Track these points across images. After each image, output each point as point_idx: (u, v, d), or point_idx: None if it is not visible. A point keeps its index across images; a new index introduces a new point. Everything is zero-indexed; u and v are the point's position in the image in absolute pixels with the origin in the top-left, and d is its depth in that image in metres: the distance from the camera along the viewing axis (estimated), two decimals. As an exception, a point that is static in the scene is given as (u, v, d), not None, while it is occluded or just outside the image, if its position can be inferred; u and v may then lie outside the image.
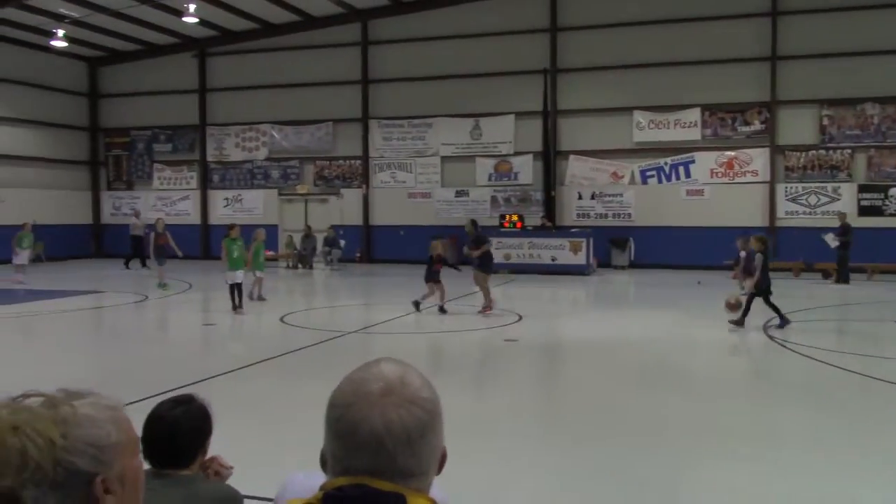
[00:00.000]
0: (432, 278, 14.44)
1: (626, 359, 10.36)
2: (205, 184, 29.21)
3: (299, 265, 25.05)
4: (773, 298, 12.37)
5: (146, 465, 2.51)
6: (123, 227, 26.17)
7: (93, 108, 30.29)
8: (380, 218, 27.23)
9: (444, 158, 26.58)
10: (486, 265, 14.49)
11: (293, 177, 28.21)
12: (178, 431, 2.58)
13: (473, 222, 15.24)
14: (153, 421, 2.59)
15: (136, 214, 26.94)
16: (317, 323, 13.45)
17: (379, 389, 1.26)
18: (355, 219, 27.33)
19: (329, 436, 1.28)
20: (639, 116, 24.70)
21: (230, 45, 28.04)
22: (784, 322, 12.26)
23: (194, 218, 29.26)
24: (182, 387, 7.75)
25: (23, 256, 19.85)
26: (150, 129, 29.61)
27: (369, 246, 27.37)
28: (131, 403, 3.17)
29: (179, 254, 19.85)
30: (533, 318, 13.93)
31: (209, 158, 29.14)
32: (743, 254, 17.08)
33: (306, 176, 28.17)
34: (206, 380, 8.58)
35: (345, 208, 27.48)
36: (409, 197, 26.85)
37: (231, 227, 15.24)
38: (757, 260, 12.34)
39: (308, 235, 25.80)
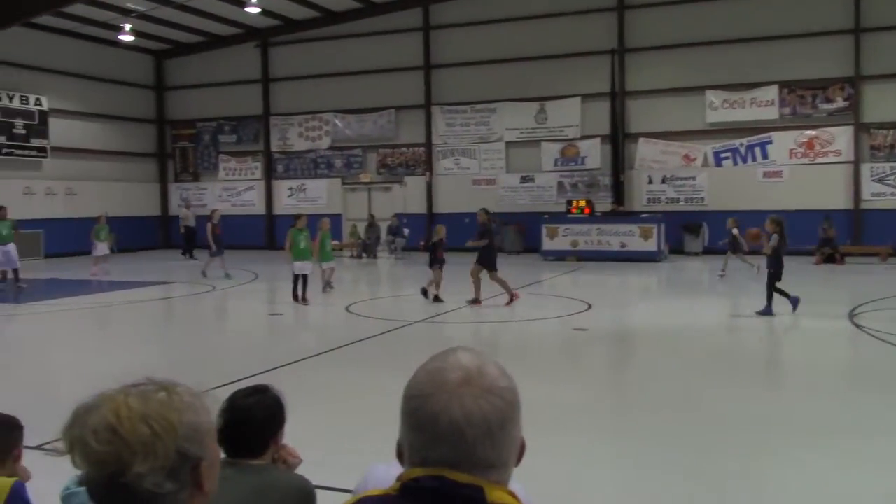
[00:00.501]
0: (437, 264, 14.58)
1: (701, 349, 10.13)
2: (269, 174, 29.74)
3: (363, 254, 25.31)
4: (780, 285, 12.16)
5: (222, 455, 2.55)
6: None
7: (159, 100, 31.14)
8: (444, 206, 27.28)
9: (508, 144, 26.45)
10: (483, 258, 14.13)
11: (356, 165, 28.48)
12: (252, 420, 2.62)
13: (485, 211, 15.02)
14: (228, 409, 2.63)
15: (187, 205, 27.58)
16: (382, 312, 13.57)
17: (457, 379, 1.25)
18: (419, 207, 27.44)
19: (406, 427, 1.28)
20: (711, 96, 24.08)
21: (292, 34, 28.41)
22: (767, 311, 12.11)
23: (259, 208, 29.85)
24: (250, 377, 7.91)
25: (101, 248, 20.49)
26: (215, 121, 30.28)
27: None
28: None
29: (213, 246, 20.31)
30: (602, 306, 13.77)
31: (273, 148, 29.65)
32: (735, 231, 17.78)
33: (369, 164, 28.41)
34: (274, 369, 8.73)
35: (408, 196, 27.62)
36: (473, 184, 26.82)
37: (297, 217, 15.45)
38: (772, 241, 12.14)
39: (372, 224, 26.04)
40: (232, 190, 30.37)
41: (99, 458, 1.22)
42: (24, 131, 25.51)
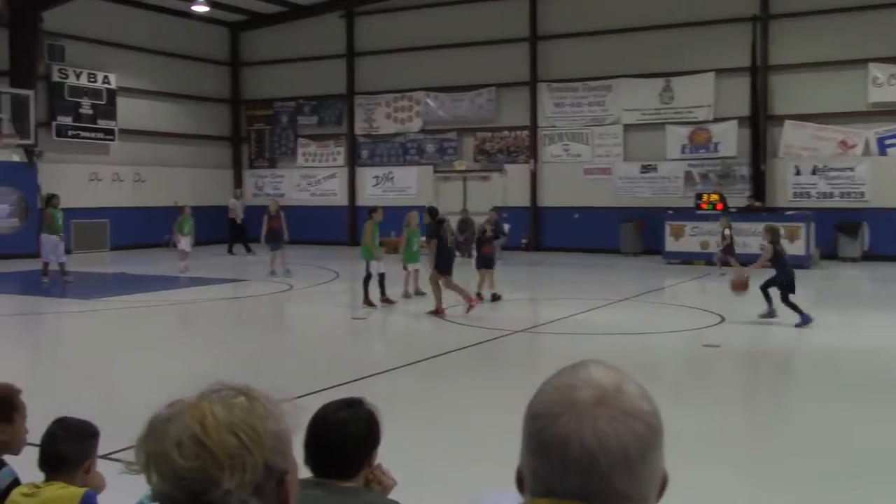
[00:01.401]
0: (484, 264, 15.21)
1: (856, 373, 9.77)
2: (352, 160, 30.29)
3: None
4: (793, 298, 12.56)
5: (307, 473, 2.64)
6: (265, 209, 27.58)
7: (234, 78, 32.15)
8: (550, 198, 27.14)
9: (626, 127, 26.09)
10: (439, 263, 14.21)
11: (450, 151, 28.67)
12: (345, 437, 2.66)
13: (430, 210, 15.37)
14: (317, 423, 2.68)
15: (237, 195, 28.18)
16: (478, 319, 13.63)
17: (590, 398, 1.24)
18: (521, 199, 27.39)
19: (529, 451, 1.27)
20: (875, 70, 23.10)
21: (381, 2, 28.84)
22: (804, 320, 12.42)
23: (341, 199, 30.43)
24: (332, 387, 8.10)
25: (185, 242, 20.86)
26: (293, 100, 31.04)
27: (537, 231, 27.35)
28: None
29: (286, 239, 20.73)
30: (737, 319, 13.45)
31: (357, 132, 30.17)
32: (727, 232, 19.10)
33: (465, 150, 28.54)
34: (358, 380, 8.92)
35: (509, 187, 27.60)
36: (584, 173, 26.58)
37: (374, 210, 15.64)
38: (764, 253, 12.98)
39: (466, 220, 26.15)
40: (311, 178, 31.07)
41: (183, 473, 1.24)
42: (91, 112, 26.79)
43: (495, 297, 15.33)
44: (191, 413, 1.28)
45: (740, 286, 13.15)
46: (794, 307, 12.52)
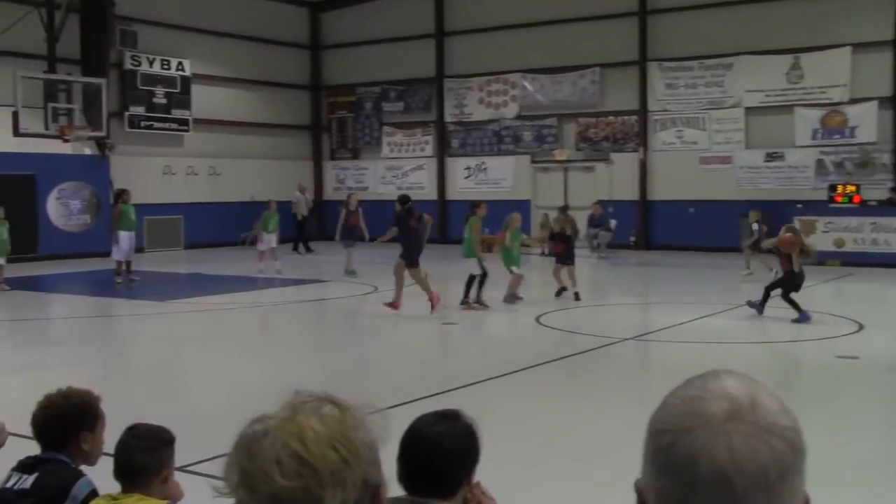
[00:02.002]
0: (563, 261, 15.87)
1: None
2: (442, 150, 30.47)
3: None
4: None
5: (401, 491, 2.67)
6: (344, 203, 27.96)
7: (314, 62, 32.74)
8: (661, 191, 26.80)
9: (749, 110, 25.59)
10: (406, 253, 14.88)
11: (550, 139, 28.57)
12: (442, 453, 2.68)
13: (401, 199, 15.98)
14: (412, 437, 2.71)
15: (301, 189, 28.44)
16: (581, 326, 13.57)
17: (723, 412, 1.22)
18: (629, 192, 27.13)
19: (653, 469, 1.25)
20: None
21: (473, -24, 28.97)
22: (802, 318, 13.05)
23: (429, 192, 30.62)
24: (421, 399, 8.18)
25: (269, 241, 21.09)
26: (378, 85, 31.41)
27: (647, 227, 27.04)
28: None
29: (366, 237, 20.86)
30: (879, 327, 13.06)
31: (447, 118, 30.34)
32: (755, 226, 19.38)
33: (566, 137, 28.41)
34: (449, 391, 8.97)
35: (615, 179, 27.37)
36: (700, 163, 26.17)
37: (478, 204, 15.68)
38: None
39: (566, 214, 25.99)
40: (397, 170, 31.39)
41: (283, 493, 1.26)
42: (164, 101, 27.67)
43: (577, 297, 15.89)
44: (288, 428, 1.29)
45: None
46: (793, 303, 13.30)
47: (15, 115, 21.29)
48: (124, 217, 19.56)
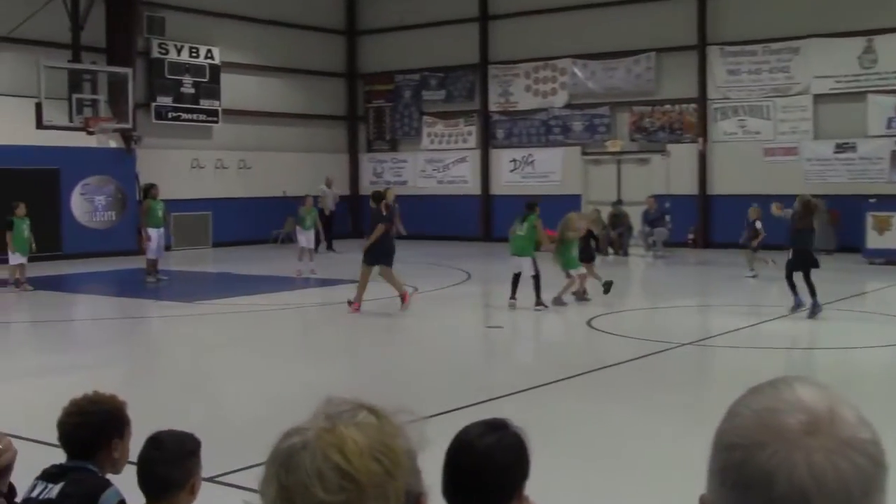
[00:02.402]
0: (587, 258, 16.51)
1: None
2: (486, 141, 30.47)
3: (609, 250, 25.27)
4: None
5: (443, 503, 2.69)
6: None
7: (350, 48, 32.88)
8: (722, 184, 26.58)
9: (817, 98, 25.31)
10: (369, 255, 15.27)
11: (602, 129, 28.47)
12: (493, 465, 2.69)
13: (375, 196, 16.25)
14: (461, 449, 2.72)
15: (328, 182, 28.41)
16: (635, 329, 13.52)
17: (800, 425, 1.21)
18: (687, 186, 26.95)
19: (722, 486, 1.24)
20: None
21: (519, -45, 28.95)
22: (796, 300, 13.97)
23: (473, 186, 30.64)
24: (465, 407, 8.21)
25: (306, 239, 21.20)
26: (418, 73, 31.48)
27: (706, 224, 26.84)
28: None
29: (403, 232, 20.88)
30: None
31: (492, 108, 30.32)
32: (759, 224, 20.02)
33: (619, 128, 28.28)
34: (494, 399, 8.99)
35: (672, 171, 27.21)
36: (765, 154, 25.93)
37: (534, 202, 15.78)
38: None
39: (618, 213, 25.90)
40: (438, 162, 31.43)
41: None
42: (193, 91, 27.96)
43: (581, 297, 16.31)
44: (327, 439, 1.30)
45: None
46: (793, 288, 13.99)
47: (38, 107, 21.62)
48: (152, 213, 19.81)
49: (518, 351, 12.87)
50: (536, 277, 15.04)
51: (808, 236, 14.26)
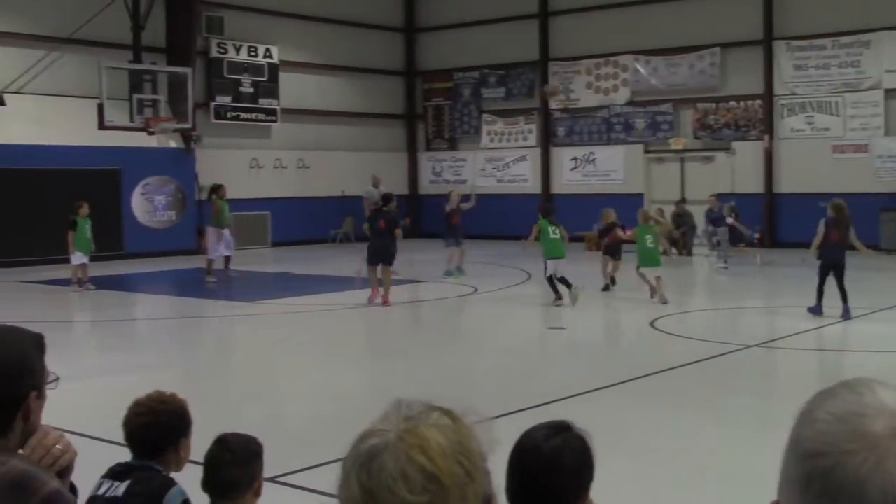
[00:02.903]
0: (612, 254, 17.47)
1: None
2: (546, 139, 30.41)
3: (673, 250, 25.08)
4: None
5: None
6: (442, 197, 28.09)
7: (409, 46, 33.01)
8: (789, 183, 26.25)
9: (889, 93, 24.91)
10: (369, 251, 16.42)
11: (665, 127, 28.26)
12: (561, 468, 2.70)
13: (386, 198, 17.47)
14: (527, 452, 2.72)
15: (375, 182, 28.19)
16: (700, 331, 13.42)
17: (888, 430, 1.18)
18: (753, 185, 26.66)
19: (803, 496, 1.21)
20: None
21: (580, -50, 28.86)
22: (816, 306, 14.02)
23: (533, 185, 30.61)
24: (523, 409, 8.21)
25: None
26: (477, 70, 31.51)
27: (772, 223, 26.53)
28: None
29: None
30: None
31: (552, 105, 30.24)
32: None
33: (683, 125, 28.06)
34: (553, 402, 8.98)
35: (737, 169, 26.93)
36: (833, 151, 25.55)
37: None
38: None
39: (682, 211, 25.67)
40: (498, 161, 31.43)
41: None
42: (251, 90, 28.29)
43: (608, 286, 17.43)
44: (410, 441, 1.31)
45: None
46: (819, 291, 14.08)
47: (100, 108, 22.03)
48: (220, 213, 20.18)
49: (580, 352, 12.82)
50: (563, 278, 15.74)
51: (842, 252, 14.06)
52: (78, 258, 18.29)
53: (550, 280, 15.88)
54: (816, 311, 13.98)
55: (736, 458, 7.30)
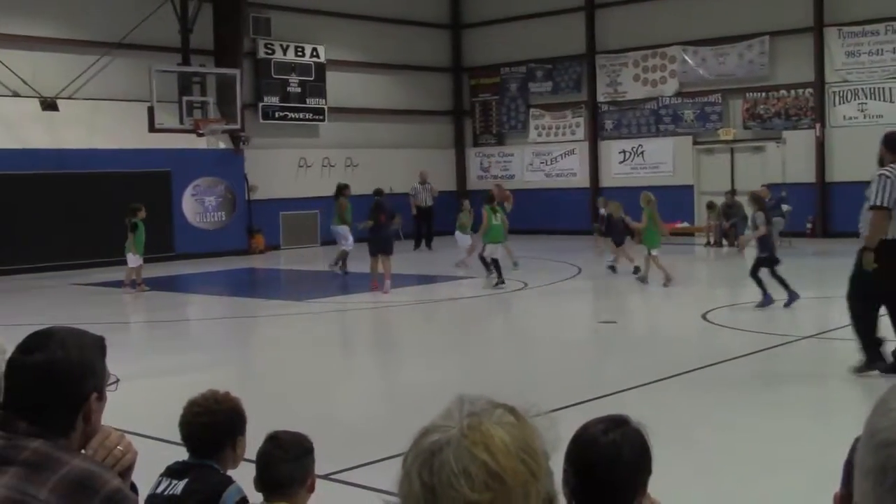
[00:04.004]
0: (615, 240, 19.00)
1: None
2: (594, 132, 30.29)
3: (723, 241, 24.88)
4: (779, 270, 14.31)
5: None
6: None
7: (455, 42, 33.03)
8: (842, 171, 25.88)
9: (944, 78, 24.47)
10: (372, 243, 17.75)
11: (714, 117, 28.03)
12: (619, 463, 2.69)
13: (377, 192, 19.28)
14: (586, 446, 2.71)
15: (422, 179, 28.11)
16: (752, 323, 13.30)
17: None
18: (804, 174, 26.35)
19: (878, 486, 1.19)
20: None
21: (625, -59, 28.69)
22: (766, 301, 14.18)
23: (581, 179, 30.50)
24: (576, 404, 8.21)
25: (464, 240, 21.30)
26: (524, 64, 31.46)
27: (825, 213, 26.21)
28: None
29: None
30: None
31: (600, 98, 30.14)
32: (603, 211, 21.34)
33: (732, 115, 27.81)
34: (608, 395, 8.97)
35: (788, 159, 26.64)
36: (887, 139, 25.15)
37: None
38: (758, 221, 14.86)
39: (731, 203, 25.43)
40: (546, 156, 31.36)
41: None
42: (299, 90, 28.47)
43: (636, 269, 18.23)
44: (472, 437, 1.31)
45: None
46: (780, 280, 14.33)
47: (150, 111, 22.32)
48: (346, 212, 20.56)
49: (632, 346, 12.75)
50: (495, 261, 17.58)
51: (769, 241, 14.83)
52: (135, 260, 18.54)
53: (483, 259, 17.88)
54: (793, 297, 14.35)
55: (793, 450, 7.24)
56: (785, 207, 24.76)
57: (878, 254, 9.14)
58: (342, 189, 21.00)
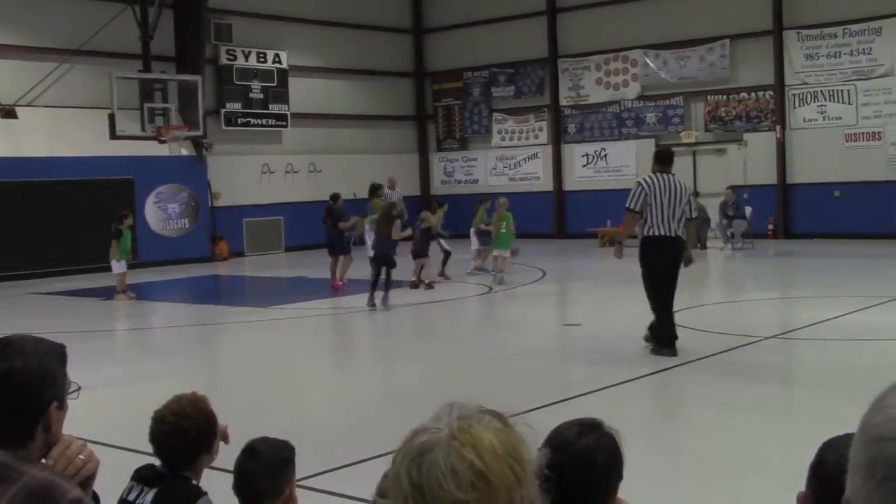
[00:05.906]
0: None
1: None
2: (558, 136, 30.39)
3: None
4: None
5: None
6: (455, 197, 27.97)
7: (417, 47, 33.04)
8: (802, 173, 26.17)
9: (901, 80, 24.79)
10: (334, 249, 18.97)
11: (675, 120, 28.22)
12: (594, 466, 2.67)
13: (333, 197, 20.22)
14: (558, 449, 2.65)
15: (391, 184, 27.87)
16: (716, 324, 13.38)
17: None
18: (765, 176, 26.59)
19: (869, 480, 1.21)
20: None
21: (586, -54, 28.82)
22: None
23: (545, 183, 30.59)
24: (541, 406, 8.22)
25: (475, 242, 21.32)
26: (486, 69, 31.53)
27: (786, 214, 26.45)
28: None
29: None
30: None
31: (562, 102, 30.25)
32: (422, 225, 20.14)
33: (694, 118, 28.01)
34: (574, 398, 8.99)
35: (750, 161, 26.86)
36: (846, 140, 25.45)
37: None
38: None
39: (696, 204, 25.63)
40: (509, 160, 31.44)
41: None
42: (261, 96, 28.36)
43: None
44: (462, 438, 1.33)
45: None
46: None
47: (111, 118, 22.07)
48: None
49: (596, 347, 12.80)
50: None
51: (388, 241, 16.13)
52: (120, 267, 18.42)
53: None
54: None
55: (757, 451, 7.29)
56: (747, 210, 25.02)
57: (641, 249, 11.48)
58: (375, 190, 20.72)
